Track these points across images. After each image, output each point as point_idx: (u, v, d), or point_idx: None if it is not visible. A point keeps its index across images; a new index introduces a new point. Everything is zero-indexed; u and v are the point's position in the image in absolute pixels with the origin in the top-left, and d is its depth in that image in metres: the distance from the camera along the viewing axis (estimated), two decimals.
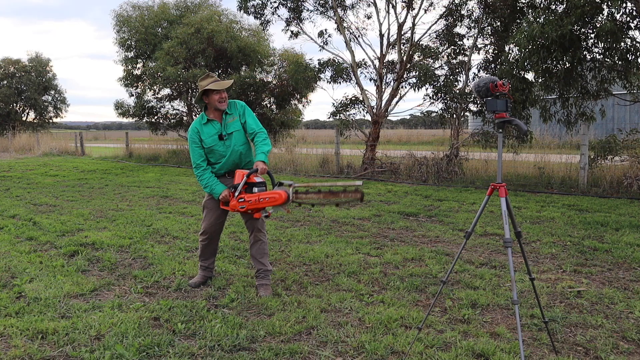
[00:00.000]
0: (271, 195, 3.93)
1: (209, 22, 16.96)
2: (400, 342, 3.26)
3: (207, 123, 4.24)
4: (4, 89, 31.79)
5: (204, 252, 4.52)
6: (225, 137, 4.23)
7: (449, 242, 5.98)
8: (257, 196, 3.97)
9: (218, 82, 4.17)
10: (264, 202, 3.95)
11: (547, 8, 8.96)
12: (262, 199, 3.95)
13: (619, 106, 19.86)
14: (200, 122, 4.27)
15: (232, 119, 4.28)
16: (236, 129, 4.27)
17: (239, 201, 4.01)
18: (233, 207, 4.07)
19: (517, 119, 2.98)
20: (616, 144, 10.05)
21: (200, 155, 4.25)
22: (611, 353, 3.16)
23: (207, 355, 3.16)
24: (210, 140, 4.22)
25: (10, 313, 3.80)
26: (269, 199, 3.93)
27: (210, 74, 4.28)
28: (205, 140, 4.22)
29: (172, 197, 9.71)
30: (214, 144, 4.22)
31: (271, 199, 3.92)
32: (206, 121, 4.24)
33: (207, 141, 4.22)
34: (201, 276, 4.53)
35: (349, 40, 13.59)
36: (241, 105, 4.34)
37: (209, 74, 4.26)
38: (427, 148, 14.35)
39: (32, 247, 5.81)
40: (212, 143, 4.22)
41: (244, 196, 4.00)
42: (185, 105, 18.97)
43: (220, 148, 4.23)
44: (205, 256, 4.53)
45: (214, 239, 4.49)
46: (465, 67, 12.83)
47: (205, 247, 4.50)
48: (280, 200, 3.91)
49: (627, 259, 5.15)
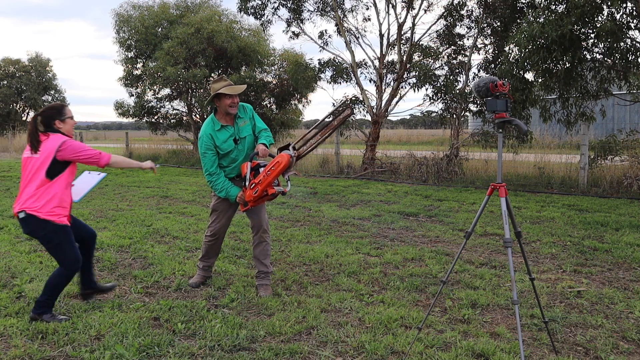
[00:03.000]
0: (274, 162, 3.93)
1: (209, 22, 16.96)
2: (400, 342, 3.26)
3: (221, 129, 4.19)
4: (4, 89, 31.77)
5: (208, 252, 4.50)
6: (239, 141, 4.22)
7: (449, 242, 5.98)
8: (264, 172, 3.97)
9: (231, 87, 4.12)
10: (271, 173, 3.93)
11: (547, 8, 8.95)
12: (269, 171, 3.94)
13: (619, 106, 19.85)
14: (213, 129, 4.18)
15: (243, 122, 4.27)
16: (248, 133, 4.27)
17: (252, 189, 4.00)
18: (249, 197, 4.04)
19: (517, 119, 2.99)
20: (616, 144, 10.06)
21: (214, 162, 4.19)
22: (611, 353, 3.16)
23: (207, 355, 3.16)
24: (226, 146, 4.18)
25: (10, 313, 3.80)
26: (274, 166, 3.92)
27: (224, 77, 4.25)
28: (220, 147, 4.17)
29: (172, 197, 9.71)
30: (230, 149, 4.19)
31: (276, 166, 3.91)
32: (220, 127, 4.19)
33: (222, 147, 4.17)
34: (200, 276, 4.53)
35: (349, 41, 13.59)
36: (250, 109, 4.34)
37: (222, 77, 4.22)
38: (427, 148, 14.35)
39: (32, 247, 5.81)
40: (228, 148, 4.18)
41: (254, 181, 4.00)
42: (185, 105, 18.96)
43: (234, 153, 4.22)
44: (208, 256, 4.52)
45: (220, 239, 4.48)
46: (465, 67, 12.83)
47: (210, 248, 4.48)
48: (284, 162, 3.88)
49: (627, 259, 5.15)
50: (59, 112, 3.70)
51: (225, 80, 4.19)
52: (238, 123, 4.24)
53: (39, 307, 3.64)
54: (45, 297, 3.64)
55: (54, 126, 3.67)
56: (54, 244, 3.62)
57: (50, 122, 3.67)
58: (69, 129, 3.74)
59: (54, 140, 3.60)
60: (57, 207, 3.60)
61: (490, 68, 12.44)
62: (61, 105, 3.79)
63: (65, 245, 3.63)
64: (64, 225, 3.64)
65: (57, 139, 3.62)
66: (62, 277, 3.67)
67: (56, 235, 3.60)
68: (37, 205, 3.54)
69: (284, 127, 18.93)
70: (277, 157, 3.94)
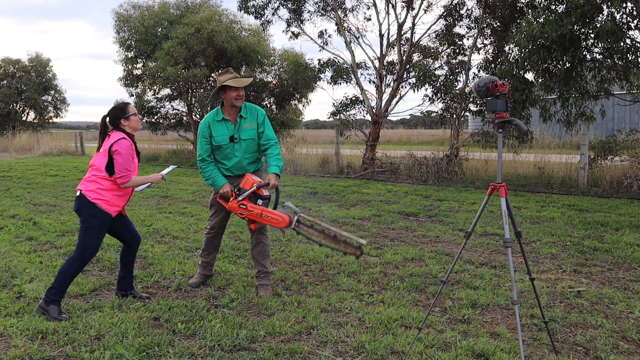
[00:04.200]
0: (275, 215, 3.88)
1: (209, 22, 16.95)
2: (400, 342, 3.26)
3: (221, 121, 4.19)
4: (4, 89, 31.77)
5: (208, 247, 4.49)
6: (237, 140, 4.18)
7: (449, 242, 5.98)
8: (260, 210, 3.92)
9: (237, 79, 4.11)
10: (265, 219, 3.92)
11: (547, 8, 8.95)
12: (265, 215, 3.91)
13: (619, 106, 19.85)
14: (213, 118, 4.21)
15: (249, 124, 4.20)
16: (250, 137, 4.20)
17: (240, 207, 3.97)
18: (231, 208, 4.04)
19: (517, 119, 2.99)
20: (616, 144, 10.06)
21: (207, 149, 4.21)
22: (611, 353, 3.16)
23: (207, 355, 3.16)
24: (220, 139, 4.17)
25: (10, 313, 3.80)
26: (271, 218, 3.89)
27: (230, 69, 4.23)
28: (215, 138, 4.18)
29: (172, 197, 9.71)
30: (224, 144, 4.17)
31: (273, 220, 3.89)
32: (221, 119, 4.19)
33: (216, 139, 4.18)
34: (200, 275, 4.52)
35: (349, 41, 13.59)
36: (262, 114, 4.27)
37: (228, 70, 4.20)
38: (427, 148, 14.35)
39: (32, 247, 5.81)
40: (221, 142, 4.17)
41: (247, 204, 3.96)
42: (185, 105, 18.96)
43: (228, 150, 4.19)
44: (207, 251, 4.50)
45: (218, 234, 4.49)
46: (465, 67, 12.83)
47: (210, 242, 4.47)
48: (282, 224, 3.88)
49: (627, 259, 5.15)
50: (122, 111, 3.91)
51: (232, 73, 4.17)
52: (242, 123, 4.19)
53: (48, 294, 3.75)
54: (57, 284, 3.76)
55: (119, 125, 3.89)
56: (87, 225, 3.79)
57: (115, 121, 3.90)
58: (134, 125, 3.94)
59: (112, 138, 3.83)
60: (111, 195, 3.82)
61: (490, 68, 12.44)
62: (124, 104, 3.97)
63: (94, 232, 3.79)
64: (107, 214, 3.82)
65: (114, 137, 3.83)
66: (75, 262, 3.79)
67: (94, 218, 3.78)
68: (90, 187, 3.80)
69: (284, 127, 18.93)
70: (280, 215, 3.87)
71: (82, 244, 3.79)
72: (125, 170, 3.78)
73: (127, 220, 4.10)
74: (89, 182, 3.81)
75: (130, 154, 3.81)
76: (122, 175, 3.77)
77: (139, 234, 4.18)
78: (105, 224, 3.83)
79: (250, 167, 4.30)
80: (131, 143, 3.86)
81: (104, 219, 3.80)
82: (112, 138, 3.81)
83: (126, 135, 3.86)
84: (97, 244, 3.83)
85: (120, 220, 4.02)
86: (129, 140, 3.84)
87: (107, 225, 3.85)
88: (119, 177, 3.77)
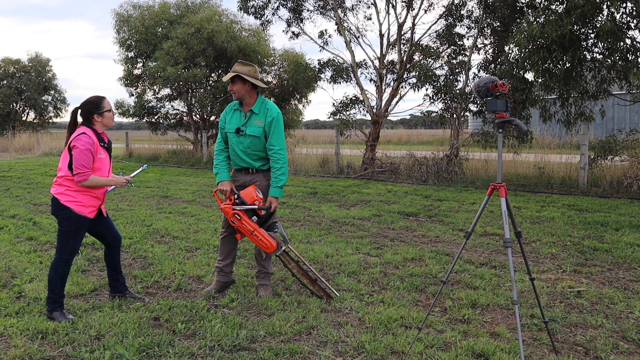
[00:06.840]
0: (265, 239, 3.92)
1: (209, 22, 16.96)
2: (400, 342, 3.26)
3: (237, 110, 4.17)
4: (4, 89, 31.75)
5: (221, 250, 4.32)
6: (242, 133, 4.09)
7: (449, 242, 5.98)
8: (252, 227, 3.92)
9: (229, 73, 4.07)
10: (254, 237, 3.93)
11: (547, 8, 8.95)
12: (255, 234, 3.92)
13: (619, 106, 19.86)
14: (231, 107, 4.21)
15: (257, 121, 4.09)
16: (255, 134, 4.08)
17: (235, 215, 3.94)
18: (225, 210, 3.99)
19: (517, 119, 2.99)
20: (616, 144, 10.05)
21: (222, 140, 4.24)
22: (611, 353, 3.16)
23: (207, 355, 3.16)
24: (229, 127, 4.16)
25: (10, 313, 3.80)
26: (260, 240, 3.92)
27: (241, 61, 4.18)
28: (225, 126, 4.19)
29: (172, 197, 9.71)
30: (231, 131, 4.15)
31: (262, 242, 3.93)
32: (237, 108, 4.17)
33: (227, 127, 4.18)
34: (216, 282, 4.29)
35: (349, 41, 13.59)
36: (271, 115, 4.10)
37: (240, 61, 4.15)
38: (427, 148, 14.35)
39: (32, 247, 5.81)
40: (230, 130, 4.16)
41: (242, 216, 3.94)
42: (185, 105, 18.96)
43: (233, 140, 4.14)
44: (222, 255, 4.31)
45: (230, 235, 4.27)
46: (465, 67, 12.83)
47: (222, 243, 4.31)
48: (269, 250, 3.94)
49: (627, 259, 5.15)
50: (96, 106, 3.75)
51: (247, 65, 4.08)
52: (252, 118, 4.10)
53: (48, 305, 3.73)
54: (50, 293, 3.72)
55: (91, 120, 3.74)
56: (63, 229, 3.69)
57: (87, 115, 3.74)
58: (106, 122, 3.79)
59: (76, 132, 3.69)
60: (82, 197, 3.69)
61: (490, 68, 12.44)
62: (99, 98, 3.81)
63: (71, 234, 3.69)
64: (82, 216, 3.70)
65: (76, 132, 3.69)
66: (58, 266, 3.71)
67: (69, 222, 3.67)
68: (59, 190, 3.68)
69: (284, 127, 18.94)
70: (271, 240, 3.91)
71: (61, 248, 3.70)
72: (82, 167, 3.56)
73: (107, 219, 3.98)
74: (58, 185, 3.69)
75: (89, 150, 3.58)
76: (78, 172, 3.57)
77: (119, 234, 4.09)
78: (82, 225, 3.71)
79: (256, 163, 4.17)
80: (92, 139, 3.63)
81: (80, 221, 3.68)
82: (75, 133, 3.65)
83: (90, 131, 3.66)
84: (76, 245, 3.74)
85: (100, 221, 3.90)
86: (90, 137, 3.62)
87: (84, 227, 3.73)
88: (75, 174, 3.58)
